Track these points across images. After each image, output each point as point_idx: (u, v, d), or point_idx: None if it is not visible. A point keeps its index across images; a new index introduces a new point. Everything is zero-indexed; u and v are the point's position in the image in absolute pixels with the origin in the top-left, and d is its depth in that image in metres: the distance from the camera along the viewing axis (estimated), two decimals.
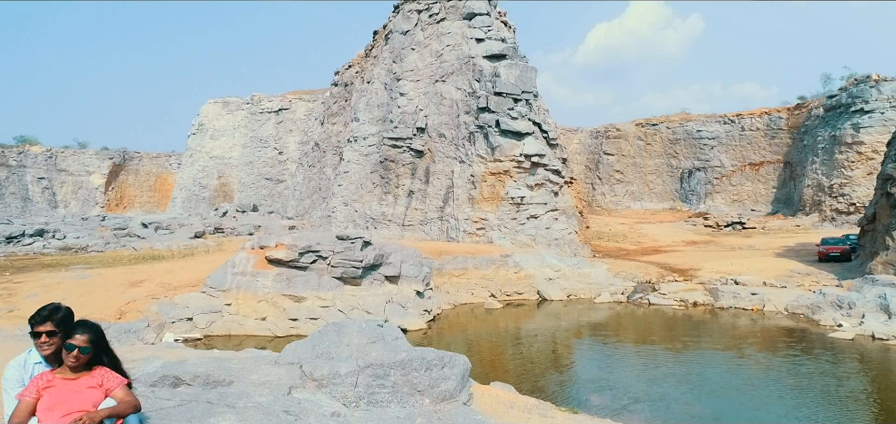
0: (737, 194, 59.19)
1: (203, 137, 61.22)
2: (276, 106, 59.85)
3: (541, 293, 24.08)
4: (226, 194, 58.92)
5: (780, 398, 12.65)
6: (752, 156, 59.66)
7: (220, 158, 60.25)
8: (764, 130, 59.45)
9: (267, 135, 59.22)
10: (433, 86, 37.19)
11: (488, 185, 32.93)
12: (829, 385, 13.49)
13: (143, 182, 72.48)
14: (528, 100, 33.51)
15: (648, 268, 29.22)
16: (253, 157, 58.94)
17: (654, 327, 20.29)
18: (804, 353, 16.56)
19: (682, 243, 40.94)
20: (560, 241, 31.52)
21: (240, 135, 60.40)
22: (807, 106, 57.01)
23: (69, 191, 69.70)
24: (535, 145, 32.64)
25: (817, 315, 20.68)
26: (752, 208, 57.45)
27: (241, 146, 59.85)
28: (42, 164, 69.50)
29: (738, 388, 13.49)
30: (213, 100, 62.39)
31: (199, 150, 60.86)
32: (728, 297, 23.27)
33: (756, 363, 15.83)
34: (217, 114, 61.60)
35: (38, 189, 68.18)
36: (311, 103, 59.30)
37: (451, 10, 37.99)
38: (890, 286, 20.82)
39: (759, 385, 13.59)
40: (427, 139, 36.46)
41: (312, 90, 61.25)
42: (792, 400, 12.52)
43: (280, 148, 58.79)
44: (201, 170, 60.30)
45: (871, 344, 17.52)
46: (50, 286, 19.32)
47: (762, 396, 12.68)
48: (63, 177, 70.24)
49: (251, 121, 60.17)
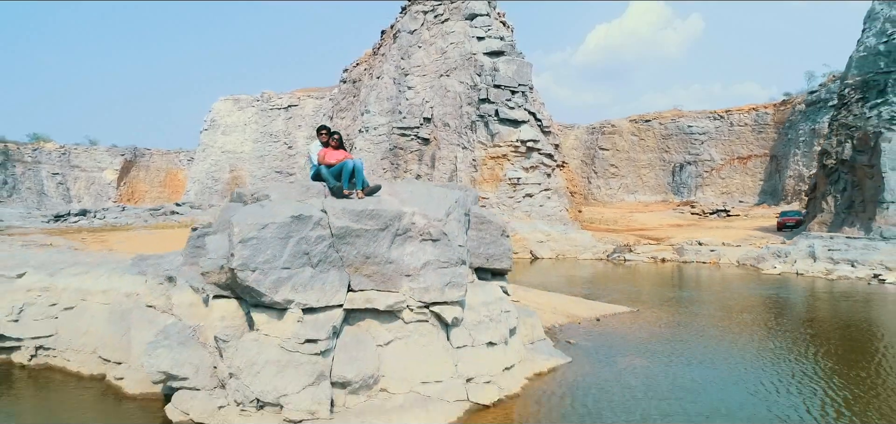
0: (726, 187, 64.72)
1: (215, 133, 66.76)
2: (286, 103, 65.43)
3: (533, 252, 29.51)
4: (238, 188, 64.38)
5: (707, 304, 18.14)
6: (741, 150, 65.23)
7: (231, 152, 65.77)
8: (751, 125, 65.07)
9: (277, 130, 64.77)
10: (438, 80, 42.75)
11: (488, 168, 38.40)
12: (747, 296, 18.99)
13: (154, 178, 77.92)
14: (524, 92, 39.06)
15: (628, 236, 34.68)
16: (264, 151, 64.45)
17: (625, 273, 25.76)
18: (736, 280, 22.07)
19: (666, 226, 46.39)
20: (552, 217, 36.96)
21: (250, 131, 65.94)
22: (791, 102, 62.64)
23: (82, 186, 75.07)
24: (530, 132, 38.16)
25: (762, 265, 26.16)
26: (740, 200, 62.96)
27: (253, 141, 65.38)
28: (56, 160, 74.87)
29: (680, 299, 18.97)
30: (224, 97, 67.98)
31: (212, 145, 66.38)
32: (691, 254, 28.78)
33: (699, 289, 21.33)
34: (228, 110, 67.17)
35: (52, 184, 73.52)
36: (320, 100, 64.88)
37: (454, 11, 43.62)
38: (817, 239, 26.41)
39: (697, 299, 19.08)
40: (433, 128, 41.99)
41: (320, 88, 66.86)
42: (714, 303, 18.01)
43: (289, 143, 64.30)
44: (214, 164, 65.79)
45: (795, 278, 23.05)
46: (130, 238, 24.74)
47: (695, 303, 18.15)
48: (76, 173, 75.61)
49: (261, 117, 65.73)
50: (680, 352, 10.96)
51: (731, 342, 11.92)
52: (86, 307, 9.41)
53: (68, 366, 9.22)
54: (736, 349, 11.25)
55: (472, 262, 9.14)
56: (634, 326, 13.37)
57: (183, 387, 7.13)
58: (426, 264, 7.85)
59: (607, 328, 13.15)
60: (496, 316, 8.78)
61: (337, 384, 7.05)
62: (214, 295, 7.42)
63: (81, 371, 9.04)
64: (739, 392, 8.57)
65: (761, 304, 17.00)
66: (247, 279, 6.80)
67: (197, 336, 7.54)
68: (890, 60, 26.27)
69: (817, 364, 10.08)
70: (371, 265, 7.62)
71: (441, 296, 7.88)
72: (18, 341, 9.47)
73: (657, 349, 11.19)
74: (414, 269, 7.81)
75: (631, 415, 7.55)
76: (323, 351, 7.00)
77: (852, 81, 28.20)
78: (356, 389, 7.16)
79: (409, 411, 7.08)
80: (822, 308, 16.54)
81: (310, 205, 7.51)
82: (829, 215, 28.20)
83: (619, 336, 12.31)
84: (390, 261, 7.71)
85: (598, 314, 14.44)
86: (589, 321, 13.74)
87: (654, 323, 13.77)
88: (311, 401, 6.72)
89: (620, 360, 10.24)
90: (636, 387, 8.70)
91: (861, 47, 28.20)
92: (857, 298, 17.77)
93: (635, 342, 11.78)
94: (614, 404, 7.96)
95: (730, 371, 9.70)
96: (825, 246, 25.19)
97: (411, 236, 7.90)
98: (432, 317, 7.94)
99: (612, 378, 9.20)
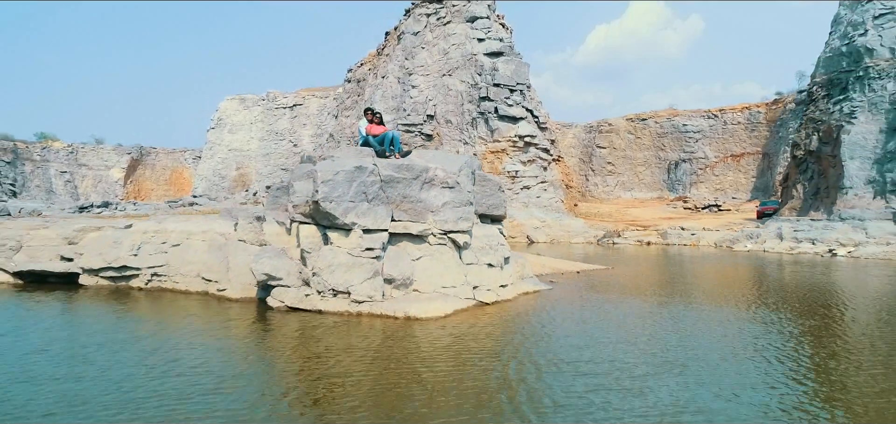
0: (719, 183, 68.38)
1: (221, 132, 70.39)
2: (291, 102, 69.08)
3: (529, 237, 33.09)
4: (244, 184, 67.94)
5: (673, 267, 21.74)
6: (734, 148, 68.93)
7: (238, 150, 69.38)
8: (744, 124, 68.79)
9: (282, 129, 68.40)
10: (440, 79, 46.41)
11: (488, 162, 41.98)
12: (708, 264, 22.58)
13: (159, 176, 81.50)
14: (522, 90, 42.74)
15: (618, 224, 38.29)
16: (269, 149, 68.06)
17: (612, 253, 29.36)
18: (707, 256, 25.68)
19: (658, 219, 50.02)
20: (548, 207, 40.57)
21: (256, 129, 69.58)
22: (783, 101, 66.40)
23: (90, 184, 78.60)
24: (528, 128, 41.82)
25: (736, 246, 29.78)
26: (733, 196, 66.60)
27: (258, 139, 69.01)
28: (64, 159, 78.42)
29: (651, 265, 22.57)
30: (230, 97, 71.66)
31: (219, 143, 70.00)
32: (674, 237, 32.42)
33: (671, 260, 24.93)
34: (234, 110, 70.82)
35: (61, 182, 77.05)
36: (323, 99, 68.53)
37: (456, 14, 47.31)
38: (786, 222, 30.06)
39: (666, 265, 22.66)
40: (436, 125, 45.62)
41: (324, 88, 70.52)
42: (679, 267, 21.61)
43: (294, 141, 67.89)
44: (221, 161, 69.39)
45: (761, 253, 26.68)
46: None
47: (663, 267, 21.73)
48: (83, 171, 79.16)
49: (267, 116, 69.37)
50: (634, 289, 14.56)
51: (677, 285, 15.52)
52: (189, 244, 12.98)
53: (176, 287, 12.78)
54: (678, 288, 14.85)
55: (477, 209, 12.71)
56: (606, 277, 16.97)
57: (278, 285, 10.69)
58: (445, 203, 11.44)
59: (584, 277, 16.76)
60: (494, 247, 12.39)
61: (386, 280, 10.63)
62: (300, 222, 11.00)
63: (188, 289, 12.61)
64: (662, 309, 12.18)
65: (718, 268, 20.63)
66: (326, 207, 10.38)
67: (285, 253, 11.11)
68: (851, 60, 29.94)
69: (741, 304, 13.69)
70: (407, 203, 11.20)
71: (455, 226, 11.47)
72: (137, 270, 13.03)
73: (616, 286, 14.79)
74: (436, 206, 11.39)
75: (584, 316, 11.16)
76: (377, 257, 10.58)
77: (819, 79, 31.90)
78: (398, 285, 10.73)
79: (434, 301, 10.65)
80: (768, 270, 20.17)
81: (366, 159, 11.12)
82: (798, 201, 31.85)
83: (591, 281, 15.92)
84: (420, 200, 11.29)
85: (578, 269, 18.04)
86: (571, 273, 17.34)
87: (622, 276, 17.38)
88: (370, 289, 10.29)
89: (586, 293, 13.84)
90: (591, 304, 12.31)
91: (827, 48, 31.90)
92: (804, 265, 21.41)
93: (601, 284, 15.38)
94: (574, 312, 11.56)
95: (666, 298, 13.31)
96: (791, 228, 28.83)
97: (434, 184, 11.48)
98: (449, 241, 11.53)
99: (577, 298, 12.81)
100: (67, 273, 13.63)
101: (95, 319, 10.53)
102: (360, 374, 6.97)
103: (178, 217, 13.89)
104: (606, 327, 9.85)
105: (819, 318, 10.65)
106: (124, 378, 6.79)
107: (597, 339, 8.90)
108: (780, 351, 8.17)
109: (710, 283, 16.00)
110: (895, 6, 28.51)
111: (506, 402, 6.04)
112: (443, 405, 5.92)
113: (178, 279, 12.84)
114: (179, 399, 6.06)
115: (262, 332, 9.31)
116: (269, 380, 6.93)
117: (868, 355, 8.09)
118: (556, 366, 7.28)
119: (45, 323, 10.04)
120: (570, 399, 6.09)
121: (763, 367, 7.36)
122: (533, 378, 6.86)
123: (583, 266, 18.68)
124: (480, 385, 6.57)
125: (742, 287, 15.21)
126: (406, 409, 5.84)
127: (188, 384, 6.59)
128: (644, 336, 9.04)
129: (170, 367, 7.25)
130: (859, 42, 29.18)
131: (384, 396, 6.23)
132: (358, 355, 7.80)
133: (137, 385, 6.57)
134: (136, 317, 10.53)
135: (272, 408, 5.91)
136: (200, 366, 7.31)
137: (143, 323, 9.96)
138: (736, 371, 7.19)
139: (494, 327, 9.57)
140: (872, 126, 28.13)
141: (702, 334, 9.27)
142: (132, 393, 6.26)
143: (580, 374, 6.96)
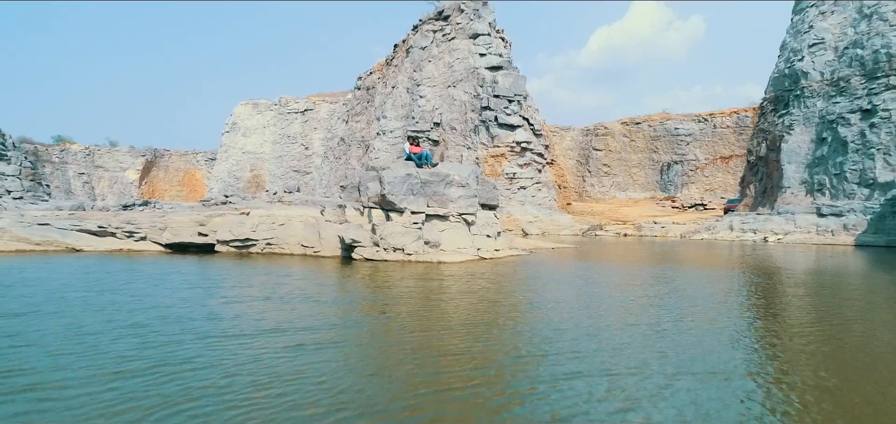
0: (709, 184, 76.45)
1: (236, 135, 78.55)
2: (302, 107, 77.25)
3: (524, 230, 41.15)
4: (258, 185, 76.07)
5: (634, 248, 29.83)
6: (723, 150, 77.02)
7: (252, 153, 77.54)
8: (733, 127, 76.88)
9: (294, 133, 76.56)
10: (446, 90, 54.50)
11: (489, 165, 50.04)
12: (664, 246, 30.67)
13: (173, 177, 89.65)
14: (519, 101, 50.83)
15: (602, 219, 46.42)
16: (282, 152, 76.20)
17: (592, 242, 37.43)
18: (669, 243, 33.75)
19: (646, 216, 58.11)
20: (542, 205, 48.63)
21: (269, 133, 77.76)
22: None
23: (106, 185, 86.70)
24: (524, 135, 49.89)
25: (696, 236, 37.84)
26: (721, 196, 74.61)
27: (272, 143, 77.18)
28: (81, 161, 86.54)
29: (618, 247, 30.66)
30: (244, 101, 79.86)
31: (233, 146, 78.16)
32: (647, 230, 40.50)
33: (637, 245, 33.02)
34: (248, 114, 79.01)
35: (79, 183, 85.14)
36: (334, 105, 76.66)
37: (460, 31, 55.43)
38: (737, 216, 38.17)
39: (630, 247, 30.71)
40: (441, 131, 53.71)
41: (334, 93, 78.71)
42: (639, 249, 29.71)
43: (306, 144, 76.04)
44: (235, 163, 77.54)
45: (713, 240, 34.74)
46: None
47: (627, 248, 29.77)
48: (100, 172, 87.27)
49: (279, 120, 77.54)
50: (583, 257, 22.58)
51: (618, 257, 23.55)
52: (291, 223, 21.02)
53: (283, 251, 20.81)
54: (617, 259, 22.90)
55: (479, 200, 20.73)
56: (575, 251, 25.02)
57: (359, 246, 18.71)
58: (459, 196, 19.49)
59: (556, 252, 24.83)
60: (490, 224, 20.46)
61: (425, 242, 18.66)
62: (371, 207, 19.05)
63: (292, 252, 20.64)
64: (594, 265, 20.26)
65: (670, 248, 28.69)
66: (390, 198, 18.42)
67: (361, 228, 19.16)
68: (791, 81, 38.06)
69: (652, 264, 21.73)
70: (436, 196, 19.24)
71: (466, 211, 19.52)
72: (255, 241, 21.04)
73: (574, 256, 22.83)
74: (454, 198, 19.44)
75: (544, 266, 19.23)
76: (419, 228, 18.63)
77: (768, 95, 40.04)
78: (432, 245, 18.77)
79: (453, 255, 18.67)
80: (698, 249, 28.22)
81: (411, 169, 19.20)
82: (751, 199, 39.96)
83: (558, 253, 23.98)
84: (444, 194, 19.34)
85: (553, 247, 26.10)
86: (546, 249, 25.40)
87: (590, 251, 25.43)
88: (415, 247, 18.33)
89: (551, 258, 21.88)
90: (550, 261, 20.38)
91: (775, 69, 40.03)
92: (737, 246, 29.47)
93: (564, 254, 23.43)
94: (539, 264, 19.61)
95: (601, 262, 21.39)
96: (740, 220, 36.93)
97: (453, 184, 19.52)
98: (462, 220, 19.58)
99: (548, 260, 20.85)
100: (204, 244, 21.65)
101: (235, 268, 18.54)
102: (411, 287, 14.97)
103: (280, 206, 21.96)
104: (555, 270, 17.88)
105: (701, 268, 18.67)
106: (276, 284, 14.82)
107: (548, 274, 16.93)
108: (655, 278, 16.19)
109: (643, 256, 23.96)
110: (825, 38, 36.60)
111: (494, 299, 14.05)
112: (459, 302, 13.92)
113: (284, 246, 20.87)
114: (307, 299, 14.08)
115: (351, 270, 17.32)
116: (360, 289, 14.94)
117: (725, 283, 16.13)
118: (523, 282, 15.31)
119: (213, 270, 18.07)
120: (530, 295, 14.10)
121: (640, 275, 15.38)
122: (509, 288, 14.88)
123: (557, 245, 26.73)
124: (480, 291, 14.58)
125: (664, 257, 23.20)
126: (438, 304, 13.83)
127: (314, 294, 14.60)
128: (574, 273, 17.06)
129: (300, 284, 15.27)
130: (798, 66, 37.28)
131: (425, 298, 14.22)
132: (410, 279, 15.82)
133: (284, 291, 14.59)
134: (261, 268, 18.55)
135: (364, 301, 13.91)
136: (318, 285, 15.33)
137: (270, 270, 17.98)
138: (628, 281, 15.22)
139: (489, 269, 17.58)
140: (805, 137, 36.22)
141: (609, 274, 17.29)
142: (279, 291, 14.28)
143: (537, 285, 14.98)
